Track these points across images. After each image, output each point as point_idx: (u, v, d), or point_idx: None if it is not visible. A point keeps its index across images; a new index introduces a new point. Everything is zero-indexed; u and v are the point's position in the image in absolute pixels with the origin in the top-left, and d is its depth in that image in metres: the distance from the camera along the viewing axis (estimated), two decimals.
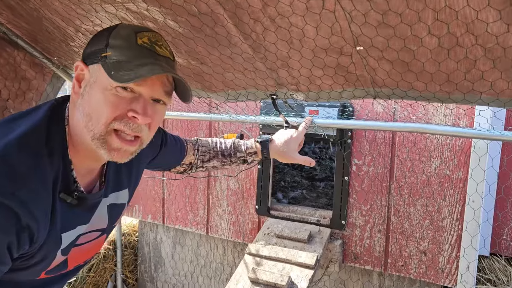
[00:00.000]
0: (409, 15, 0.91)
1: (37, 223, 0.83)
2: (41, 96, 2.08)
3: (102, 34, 0.94)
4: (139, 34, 0.92)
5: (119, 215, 1.15)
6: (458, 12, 0.86)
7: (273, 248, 2.06)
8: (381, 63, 1.16)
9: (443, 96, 1.25)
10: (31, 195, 0.81)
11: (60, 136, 0.91)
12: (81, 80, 0.93)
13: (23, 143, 0.84)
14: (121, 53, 0.89)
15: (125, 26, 0.95)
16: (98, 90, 0.89)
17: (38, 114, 0.91)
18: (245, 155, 1.53)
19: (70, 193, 0.92)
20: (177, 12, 1.15)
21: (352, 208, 2.17)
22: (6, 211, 0.77)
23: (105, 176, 1.05)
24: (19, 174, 0.80)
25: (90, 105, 0.89)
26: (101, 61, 0.89)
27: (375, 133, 2.08)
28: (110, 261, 3.02)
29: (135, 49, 0.90)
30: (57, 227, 0.90)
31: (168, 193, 2.77)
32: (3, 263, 0.81)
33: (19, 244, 0.81)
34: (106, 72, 0.88)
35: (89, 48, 0.95)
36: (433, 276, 2.03)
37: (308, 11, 1.00)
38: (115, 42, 0.90)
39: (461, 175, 1.93)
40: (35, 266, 0.91)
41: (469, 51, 0.98)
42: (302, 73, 1.35)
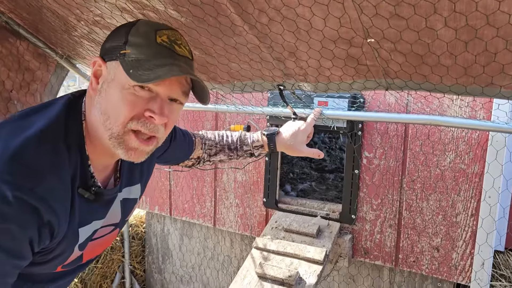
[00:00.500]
0: (423, 6, 0.84)
1: (58, 218, 0.84)
2: (45, 87, 2.05)
3: (121, 30, 0.92)
4: (159, 32, 0.91)
5: (131, 209, 1.16)
6: (477, 3, 0.79)
7: (281, 242, 2.02)
8: (394, 55, 1.09)
9: (460, 89, 1.18)
10: (51, 191, 0.82)
11: (78, 132, 0.91)
12: (98, 76, 0.92)
13: (41, 139, 0.84)
14: (140, 51, 0.88)
15: (145, 23, 0.93)
16: (116, 88, 0.88)
17: (55, 109, 0.90)
18: (252, 148, 1.50)
19: (87, 188, 0.92)
20: (178, 1, 1.09)
21: (363, 202, 2.11)
22: (27, 207, 0.78)
23: (120, 171, 1.06)
24: (38, 171, 0.81)
25: (108, 103, 0.89)
26: (119, 58, 0.88)
27: (387, 125, 2.01)
28: (118, 252, 3.02)
29: (154, 47, 0.89)
30: (75, 222, 0.91)
31: (175, 185, 2.75)
32: (24, 258, 0.82)
33: (40, 238, 0.83)
34: (124, 71, 0.86)
35: (108, 43, 0.93)
36: (445, 272, 1.97)
37: (316, 2, 0.93)
38: (134, 39, 0.89)
39: (477, 170, 1.85)
40: (53, 260, 0.93)
41: (489, 44, 0.90)
42: (310, 64, 1.29)
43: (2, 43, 1.76)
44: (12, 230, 0.77)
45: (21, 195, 0.77)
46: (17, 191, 0.77)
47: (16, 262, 0.81)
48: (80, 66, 2.10)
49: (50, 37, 1.81)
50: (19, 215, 0.78)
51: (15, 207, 0.76)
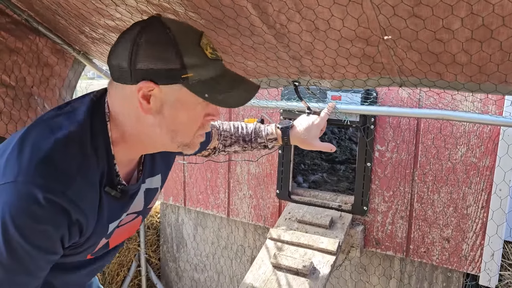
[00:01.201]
0: (441, 7, 0.87)
1: (86, 217, 0.89)
2: (63, 82, 2.10)
3: (166, 49, 0.88)
4: (202, 45, 0.92)
5: (153, 198, 1.21)
6: (494, 6, 0.81)
7: (294, 233, 2.07)
8: (409, 54, 1.12)
9: (474, 86, 1.20)
10: (80, 193, 0.87)
11: (103, 133, 0.94)
12: (149, 98, 0.91)
13: (70, 143, 0.88)
14: (200, 72, 0.91)
15: (184, 36, 0.91)
16: (184, 109, 0.93)
17: (80, 111, 0.94)
18: (266, 140, 1.53)
19: (114, 187, 0.97)
20: (198, 4, 1.12)
21: (374, 194, 2.15)
22: (58, 208, 0.83)
23: (143, 164, 1.10)
24: (68, 174, 0.85)
25: (176, 123, 0.94)
26: (183, 82, 0.89)
27: (399, 119, 2.04)
28: (134, 241, 3.10)
29: (209, 65, 0.93)
30: (104, 219, 0.97)
31: (189, 176, 2.80)
32: (56, 253, 0.89)
33: (70, 236, 0.89)
34: (196, 95, 0.90)
35: (154, 64, 0.88)
36: (455, 263, 2.02)
37: (335, 2, 0.96)
38: (190, 60, 0.89)
39: (488, 163, 1.88)
40: (83, 252, 1.00)
41: (504, 44, 0.93)
42: (326, 62, 1.32)
43: (22, 41, 1.81)
44: (46, 230, 0.83)
45: (52, 198, 0.81)
46: (49, 194, 0.81)
47: (50, 257, 0.88)
48: (97, 62, 2.14)
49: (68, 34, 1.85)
50: (52, 216, 0.82)
51: (47, 209, 0.81)
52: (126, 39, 0.90)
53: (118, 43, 0.92)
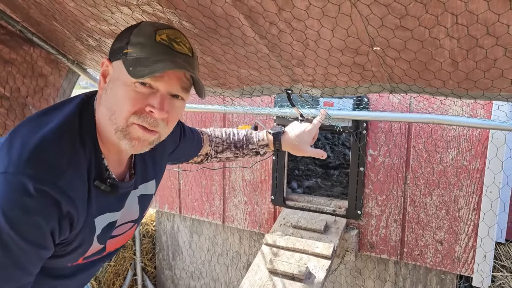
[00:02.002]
0: (427, 19, 0.90)
1: (77, 209, 0.89)
2: (58, 92, 2.11)
3: (125, 32, 0.99)
4: (159, 31, 0.96)
5: (148, 205, 1.21)
6: (478, 16, 0.85)
7: (289, 238, 2.09)
8: (398, 62, 1.15)
9: (461, 92, 1.24)
10: (70, 184, 0.87)
11: (91, 129, 0.96)
12: (106, 76, 0.98)
13: (59, 135, 0.89)
14: (140, 50, 0.93)
15: (147, 24, 0.98)
16: (120, 85, 0.93)
17: (69, 107, 0.96)
18: (257, 147, 1.54)
19: (103, 181, 0.97)
20: (192, 14, 1.15)
21: (368, 198, 2.18)
22: (49, 199, 0.83)
23: (134, 168, 1.11)
24: (58, 165, 0.86)
25: (113, 100, 0.94)
26: (122, 57, 0.94)
27: (391, 124, 2.07)
28: (130, 250, 3.10)
29: (153, 46, 0.93)
30: (92, 213, 0.96)
31: (184, 184, 2.81)
32: (46, 248, 0.87)
33: (61, 229, 0.87)
34: (125, 68, 0.92)
35: (114, 45, 0.99)
36: (449, 265, 2.04)
37: (324, 15, 0.99)
38: (135, 39, 0.94)
39: (478, 166, 1.91)
40: (73, 251, 0.97)
41: (489, 52, 0.97)
42: (317, 71, 1.35)
43: (17, 51, 1.82)
44: (36, 221, 0.81)
45: (43, 188, 0.81)
46: (39, 184, 0.81)
47: (41, 252, 0.86)
48: (91, 71, 2.16)
49: (62, 43, 1.86)
50: (42, 207, 0.82)
51: (38, 199, 0.81)
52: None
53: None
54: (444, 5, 0.83)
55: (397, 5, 0.87)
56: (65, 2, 1.29)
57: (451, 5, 0.83)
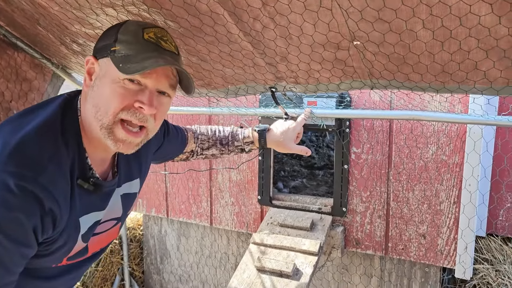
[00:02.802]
0: (404, 10, 0.95)
1: (59, 207, 0.89)
2: (42, 97, 2.11)
3: (111, 30, 1.00)
4: (146, 30, 0.98)
5: (132, 203, 1.22)
6: (451, 7, 0.90)
7: (277, 236, 2.12)
8: (378, 57, 1.20)
9: (438, 86, 1.29)
10: (52, 180, 0.87)
11: (74, 127, 0.97)
12: (92, 73, 0.99)
13: (40, 133, 0.90)
14: (128, 48, 0.95)
15: (133, 23, 1.01)
16: (107, 82, 0.95)
17: (52, 106, 0.97)
18: (242, 144, 1.56)
19: (86, 180, 0.98)
20: (177, 13, 1.18)
21: (352, 195, 2.23)
22: (30, 196, 0.83)
23: (117, 166, 1.11)
24: (39, 162, 0.86)
25: (100, 97, 0.95)
26: (110, 55, 0.95)
27: (373, 122, 2.13)
28: (117, 255, 3.07)
29: (141, 43, 0.96)
30: (76, 212, 0.96)
31: (171, 187, 2.82)
32: (29, 246, 0.87)
33: (43, 227, 0.87)
34: (114, 65, 0.94)
35: (99, 43, 1.01)
36: (432, 258, 2.10)
37: (306, 9, 1.03)
38: (123, 37, 0.96)
39: (457, 160, 1.98)
40: (57, 251, 0.97)
41: (462, 43, 1.02)
42: (300, 67, 1.39)
43: (1, 56, 1.82)
44: (18, 218, 0.82)
45: (24, 184, 0.82)
46: (20, 181, 0.82)
47: (24, 250, 0.86)
48: (76, 75, 2.16)
49: (47, 47, 1.87)
50: (24, 204, 0.82)
51: (19, 196, 0.81)
52: None
53: None
54: None
55: None
56: (50, 6, 1.30)
57: None
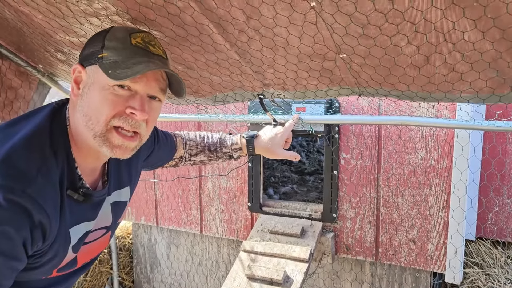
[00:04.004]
0: (388, 28, 0.94)
1: (49, 219, 0.87)
2: (28, 105, 2.07)
3: (97, 37, 0.99)
4: (133, 35, 0.97)
5: (122, 212, 1.20)
6: (435, 24, 0.89)
7: (267, 244, 2.11)
8: (364, 68, 1.19)
9: (425, 95, 1.29)
10: (41, 192, 0.85)
11: (63, 137, 0.95)
12: (79, 82, 0.97)
13: (28, 144, 0.87)
14: (116, 54, 0.94)
15: (119, 28, 0.99)
16: (97, 90, 0.93)
17: (39, 116, 0.94)
18: (231, 150, 1.55)
19: (76, 190, 0.96)
20: (162, 23, 1.16)
21: (342, 201, 2.22)
22: (19, 208, 0.81)
23: (107, 175, 1.09)
24: (27, 173, 0.84)
25: (90, 105, 0.93)
26: (98, 62, 0.94)
27: (361, 127, 2.13)
28: (106, 264, 3.04)
29: (129, 49, 0.95)
30: (66, 223, 0.94)
31: (160, 195, 2.80)
32: (19, 260, 0.85)
33: (33, 240, 0.85)
34: (103, 72, 0.92)
35: (86, 50, 0.99)
36: (422, 263, 2.10)
37: (291, 23, 1.02)
38: (110, 43, 0.95)
39: (445, 165, 1.99)
40: (47, 263, 0.95)
41: (447, 57, 1.02)
42: (288, 75, 1.38)
43: None
44: (7, 232, 0.80)
45: (13, 198, 0.80)
46: (9, 194, 0.79)
47: (13, 264, 0.84)
48: (62, 83, 2.13)
49: (32, 55, 1.84)
50: (12, 216, 0.80)
51: (7, 209, 0.79)
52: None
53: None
54: (403, 15, 0.88)
55: (359, 15, 0.91)
56: (33, 14, 1.28)
57: (409, 14, 0.88)
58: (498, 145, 2.14)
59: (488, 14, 0.83)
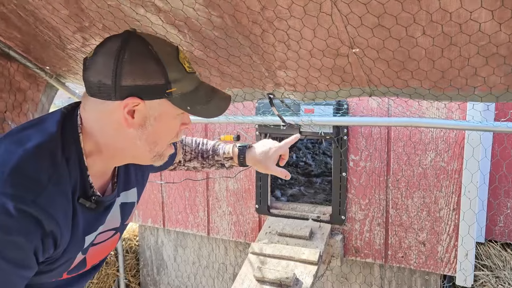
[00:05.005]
0: (404, 17, 0.94)
1: (60, 228, 0.87)
2: (36, 107, 2.08)
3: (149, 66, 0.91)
4: (180, 59, 0.97)
5: (130, 213, 1.19)
6: (451, 14, 0.89)
7: (276, 246, 2.09)
8: (377, 63, 1.19)
9: (438, 92, 1.28)
10: (52, 201, 0.85)
11: (75, 144, 0.94)
12: (133, 113, 0.93)
13: (40, 153, 0.87)
14: (181, 86, 0.94)
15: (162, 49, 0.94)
16: (166, 121, 0.96)
17: (50, 123, 0.93)
18: (222, 159, 1.53)
19: (88, 198, 0.96)
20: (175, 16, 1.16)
21: (351, 203, 2.21)
22: (30, 218, 0.81)
23: (117, 177, 1.09)
24: (39, 182, 0.84)
25: (157, 134, 0.97)
26: (167, 97, 0.93)
27: (371, 129, 2.12)
28: (113, 266, 3.03)
29: (188, 78, 0.97)
30: (79, 231, 0.94)
31: (167, 197, 2.79)
32: (30, 268, 0.85)
33: (44, 249, 0.85)
34: (179, 107, 0.94)
35: (138, 81, 0.90)
36: (432, 265, 2.08)
37: (306, 14, 1.02)
38: (173, 75, 0.93)
39: (456, 167, 1.97)
40: (58, 268, 0.96)
41: (462, 50, 1.01)
42: (299, 73, 1.38)
43: None
44: (18, 242, 0.80)
45: (23, 207, 0.80)
46: (19, 203, 0.79)
47: (23, 273, 0.84)
48: (69, 85, 2.14)
49: (41, 56, 1.85)
50: (23, 227, 0.80)
51: (18, 219, 0.79)
52: (107, 54, 0.90)
53: (97, 59, 0.91)
54: (419, 2, 0.88)
55: (375, 3, 0.91)
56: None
57: (425, 2, 0.88)
58: (509, 147, 2.12)
59: (506, 4, 0.83)
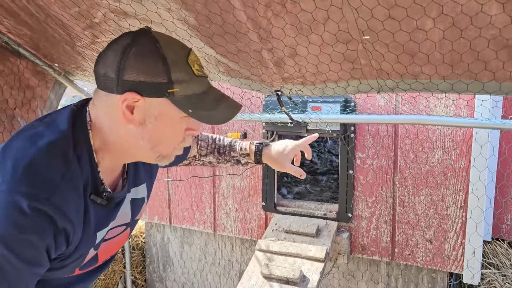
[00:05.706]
0: (415, 8, 0.94)
1: (72, 225, 0.88)
2: (45, 104, 2.10)
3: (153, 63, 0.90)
4: (189, 62, 0.94)
5: (140, 209, 1.20)
6: (462, 6, 0.89)
7: (282, 243, 2.10)
8: (387, 56, 1.19)
9: (447, 86, 1.28)
10: (65, 199, 0.86)
11: (86, 142, 0.95)
12: (132, 108, 0.93)
13: (52, 151, 0.88)
14: (186, 88, 0.92)
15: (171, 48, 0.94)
16: (167, 122, 0.94)
17: (61, 121, 0.94)
18: (239, 155, 1.54)
19: (99, 194, 0.96)
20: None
21: (358, 200, 2.21)
22: (43, 216, 0.82)
23: (127, 173, 1.10)
24: (51, 181, 0.85)
25: (158, 134, 0.95)
26: (168, 97, 0.91)
27: (378, 126, 2.12)
28: (119, 263, 3.04)
29: (195, 81, 0.94)
30: (91, 227, 0.95)
31: (173, 194, 2.80)
32: (42, 265, 0.86)
33: (57, 246, 0.86)
34: (181, 109, 0.92)
35: (140, 77, 0.90)
36: (439, 263, 2.07)
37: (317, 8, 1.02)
38: (177, 76, 0.91)
39: (463, 164, 1.97)
40: (71, 264, 0.97)
41: (472, 43, 1.01)
42: (308, 68, 1.37)
43: (3, 63, 1.82)
44: (31, 240, 0.81)
45: (37, 205, 0.80)
46: (33, 202, 0.80)
47: (35, 270, 0.85)
48: (78, 82, 2.15)
49: (50, 53, 1.86)
50: (36, 225, 0.81)
51: (32, 217, 0.80)
52: (116, 49, 0.91)
53: (107, 52, 0.92)
54: None
55: None
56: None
57: None
58: None
59: None
